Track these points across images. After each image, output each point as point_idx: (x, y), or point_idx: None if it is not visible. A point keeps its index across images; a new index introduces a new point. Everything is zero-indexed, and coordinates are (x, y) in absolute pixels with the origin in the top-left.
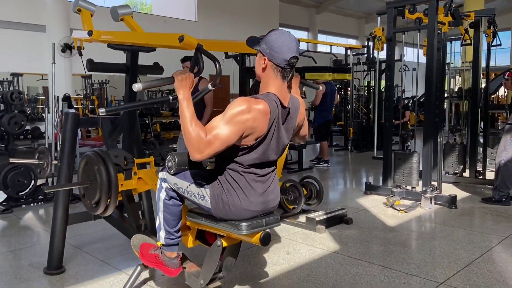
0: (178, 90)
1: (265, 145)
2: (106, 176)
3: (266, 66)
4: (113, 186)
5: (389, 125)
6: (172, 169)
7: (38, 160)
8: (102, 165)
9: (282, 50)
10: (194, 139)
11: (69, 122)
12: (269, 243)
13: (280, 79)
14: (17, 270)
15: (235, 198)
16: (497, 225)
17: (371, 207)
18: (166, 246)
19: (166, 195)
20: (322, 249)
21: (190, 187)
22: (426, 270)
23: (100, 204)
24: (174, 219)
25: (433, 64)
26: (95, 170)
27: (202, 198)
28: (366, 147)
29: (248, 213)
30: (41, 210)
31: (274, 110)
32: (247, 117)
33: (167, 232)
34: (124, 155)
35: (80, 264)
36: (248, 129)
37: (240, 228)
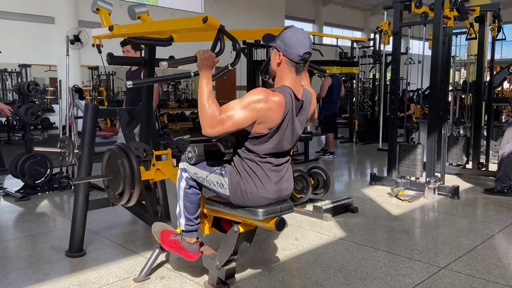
0: (200, 68)
1: (280, 135)
2: (129, 170)
3: (281, 61)
4: (136, 178)
5: (394, 117)
6: (192, 159)
7: (60, 149)
8: (126, 159)
9: (296, 46)
10: (208, 115)
11: (89, 113)
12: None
13: (294, 73)
14: (39, 253)
15: (252, 186)
16: (498, 214)
17: (376, 197)
18: (186, 232)
19: (186, 184)
20: (329, 236)
21: (209, 176)
22: (429, 255)
23: (123, 195)
24: (193, 206)
25: (439, 58)
26: (119, 164)
27: (221, 186)
28: (371, 139)
29: (264, 200)
30: (56, 197)
31: (288, 102)
32: (263, 106)
33: (187, 219)
34: (143, 147)
35: (100, 248)
36: (261, 117)
37: (257, 214)
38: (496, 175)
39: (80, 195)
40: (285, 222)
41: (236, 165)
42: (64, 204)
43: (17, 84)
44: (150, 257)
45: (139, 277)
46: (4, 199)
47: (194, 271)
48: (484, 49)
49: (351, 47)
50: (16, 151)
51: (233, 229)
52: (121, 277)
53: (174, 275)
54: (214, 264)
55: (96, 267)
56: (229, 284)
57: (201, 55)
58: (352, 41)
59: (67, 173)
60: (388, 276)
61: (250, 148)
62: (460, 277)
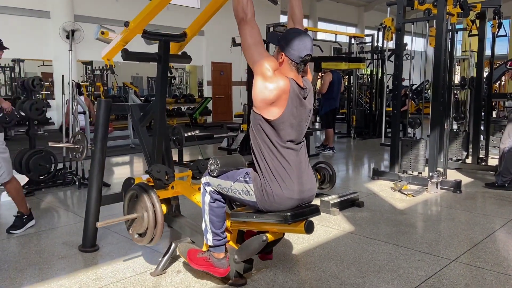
0: None
1: (290, 118)
2: (153, 217)
3: (283, 60)
4: (158, 225)
5: (397, 112)
6: (215, 172)
7: (74, 144)
8: (150, 204)
9: (298, 48)
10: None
11: (102, 109)
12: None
13: (296, 72)
14: (52, 248)
15: (276, 187)
16: (501, 208)
17: (379, 192)
18: (214, 247)
19: (211, 198)
20: (338, 230)
21: (234, 185)
22: (438, 248)
23: (146, 236)
24: (219, 220)
25: (441, 54)
26: (143, 207)
27: (246, 193)
28: (368, 135)
29: (290, 201)
30: (60, 193)
31: (293, 84)
32: (268, 69)
33: (214, 233)
34: (165, 170)
35: (112, 243)
36: (261, 74)
37: (286, 218)
38: (497, 170)
39: (93, 190)
40: (313, 225)
41: (258, 169)
42: (69, 200)
43: (21, 79)
44: (167, 252)
45: (156, 271)
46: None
47: None
48: (484, 45)
49: (349, 43)
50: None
51: (261, 238)
52: (138, 272)
53: (190, 268)
54: (232, 257)
55: (111, 262)
56: (246, 278)
57: None
58: (350, 37)
59: (71, 169)
60: (400, 268)
61: (269, 137)
62: (471, 269)
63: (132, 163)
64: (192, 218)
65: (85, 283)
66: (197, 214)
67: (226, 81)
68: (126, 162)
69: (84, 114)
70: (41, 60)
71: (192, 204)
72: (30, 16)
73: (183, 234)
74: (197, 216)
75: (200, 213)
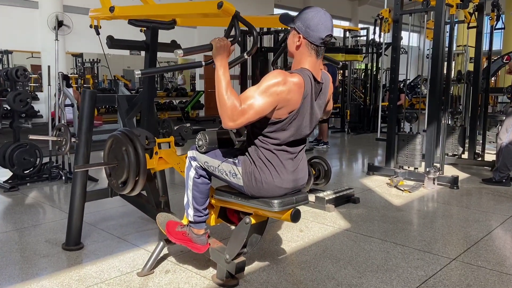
0: (216, 57)
1: (299, 120)
2: (134, 157)
3: (300, 43)
4: (141, 166)
5: (394, 107)
6: (203, 147)
7: (56, 137)
8: (130, 145)
9: (318, 28)
10: (228, 108)
11: (87, 100)
12: (298, 221)
13: (315, 57)
14: (35, 246)
15: (267, 175)
16: (499, 205)
17: (375, 187)
18: (194, 223)
19: (196, 173)
20: (333, 227)
21: (221, 165)
22: (437, 247)
23: (127, 183)
24: (202, 197)
25: (440, 47)
26: (123, 151)
27: (234, 176)
28: (362, 129)
29: (279, 190)
30: (46, 187)
31: (308, 84)
32: (282, 89)
33: (196, 209)
34: (145, 134)
35: (98, 240)
36: (282, 101)
37: (272, 205)
38: (495, 165)
39: (78, 185)
40: (300, 214)
41: (250, 154)
42: (55, 195)
43: (4, 69)
44: (154, 250)
45: (143, 271)
46: None
47: (199, 264)
48: (482, 39)
49: (343, 36)
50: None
51: (244, 221)
52: (124, 272)
53: (179, 268)
54: (223, 257)
55: (96, 261)
56: (239, 278)
57: (217, 43)
58: (345, 30)
59: (57, 163)
60: (399, 268)
61: (267, 135)
62: (473, 269)
63: None
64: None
65: (67, 284)
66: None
67: None
68: None
69: (72, 106)
70: (29, 52)
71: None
72: (18, 6)
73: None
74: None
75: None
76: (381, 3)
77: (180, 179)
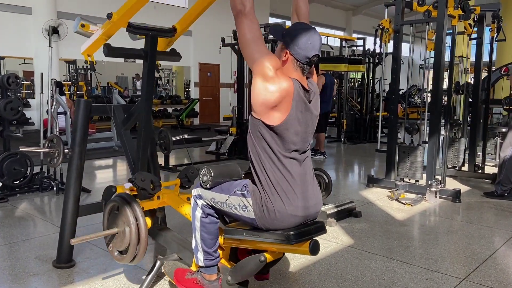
0: None
1: (294, 124)
2: (136, 233)
3: (287, 59)
4: (142, 241)
5: (394, 117)
6: (208, 183)
7: (49, 149)
8: (132, 217)
9: (306, 47)
10: None
11: (81, 110)
12: (318, 253)
13: (300, 73)
14: (23, 263)
15: (279, 203)
16: (503, 220)
17: (376, 200)
18: (205, 268)
19: (203, 212)
20: (336, 243)
21: (229, 199)
22: (445, 265)
23: (127, 254)
24: (212, 238)
25: (441, 58)
26: (125, 222)
27: (244, 209)
28: (359, 139)
29: (293, 219)
30: (36, 199)
31: (297, 87)
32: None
33: (206, 253)
34: (151, 179)
35: (90, 257)
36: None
37: (289, 237)
38: (497, 178)
39: (70, 199)
40: (319, 246)
41: (259, 178)
42: (46, 207)
43: None
44: (151, 270)
45: None
46: None
47: None
48: (482, 50)
49: (340, 46)
50: None
51: (259, 258)
52: None
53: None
54: (225, 278)
55: (88, 280)
56: None
57: None
58: (341, 39)
59: (49, 173)
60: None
61: (270, 144)
62: None
63: (116, 167)
64: (179, 229)
65: None
66: (185, 225)
67: (213, 83)
68: (109, 165)
69: (65, 114)
70: (22, 58)
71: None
72: (11, 12)
73: (169, 249)
74: (184, 227)
75: (188, 224)
76: (374, 14)
77: None
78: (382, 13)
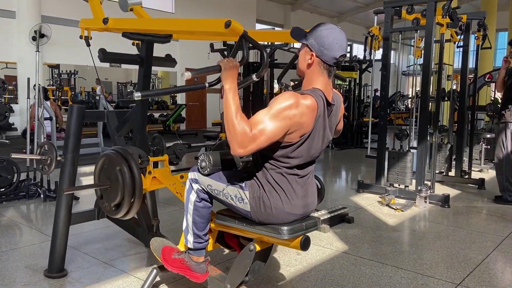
0: (226, 80)
1: (310, 143)
2: (130, 178)
3: (313, 62)
4: (137, 187)
5: (384, 123)
6: (206, 169)
7: (40, 156)
8: (125, 165)
9: (333, 47)
10: (238, 134)
11: (74, 116)
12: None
13: (326, 76)
14: (14, 273)
15: (277, 200)
16: (493, 224)
17: (367, 206)
18: (194, 250)
19: (197, 197)
20: (331, 250)
21: (226, 189)
22: (440, 270)
23: (122, 206)
24: (203, 221)
25: (430, 65)
26: (117, 171)
27: (240, 200)
28: (346, 144)
29: (289, 216)
30: (23, 206)
31: (321, 106)
32: (295, 112)
33: (196, 235)
34: (138, 153)
35: (82, 266)
36: (294, 125)
37: (282, 232)
38: (499, 186)
39: (62, 207)
40: (310, 241)
41: (258, 177)
42: (33, 214)
43: None
44: (147, 279)
45: None
46: None
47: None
48: (468, 57)
49: None
50: None
51: (248, 248)
52: None
53: None
54: (223, 286)
55: None
56: None
57: (226, 65)
58: None
59: (35, 180)
60: None
61: (277, 158)
62: None
63: None
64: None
65: None
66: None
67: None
68: None
69: (50, 120)
70: (4, 63)
71: (170, 218)
72: None
73: None
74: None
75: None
76: (358, 21)
77: (163, 196)
78: (367, 20)
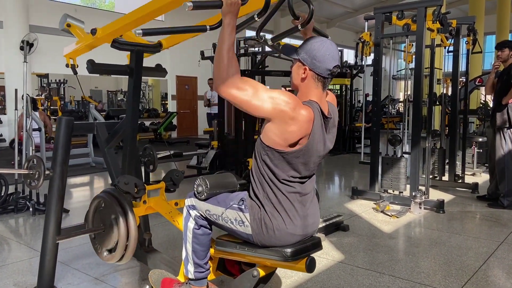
0: (226, 15)
1: (308, 155)
2: (125, 228)
3: (306, 76)
4: (132, 238)
5: (377, 129)
6: (203, 194)
7: (28, 170)
8: (121, 214)
9: (325, 59)
10: (224, 67)
11: (63, 128)
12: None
13: (321, 89)
14: None
15: (279, 221)
16: (488, 229)
17: (362, 213)
18: (195, 280)
19: (195, 224)
20: (327, 259)
21: (225, 213)
22: (438, 279)
23: (116, 253)
24: (203, 249)
25: (422, 70)
26: (112, 219)
27: (240, 223)
28: (338, 150)
29: (292, 237)
30: (11, 220)
31: (317, 118)
32: (287, 110)
33: (197, 264)
34: (134, 181)
35: (73, 283)
36: (278, 120)
37: (286, 255)
38: (500, 192)
39: (51, 222)
40: (315, 263)
41: (259, 198)
42: (21, 229)
43: None
44: None
45: None
46: None
47: None
48: (459, 62)
49: None
50: None
51: (251, 273)
52: None
53: None
54: None
55: None
56: None
57: (228, 0)
58: None
59: (24, 193)
60: None
61: (274, 171)
62: None
63: (93, 184)
64: (164, 247)
65: None
66: (171, 245)
67: (191, 95)
68: (86, 183)
69: (39, 131)
70: None
71: (163, 230)
72: None
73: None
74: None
75: (176, 244)
76: (348, 26)
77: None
78: (356, 26)
